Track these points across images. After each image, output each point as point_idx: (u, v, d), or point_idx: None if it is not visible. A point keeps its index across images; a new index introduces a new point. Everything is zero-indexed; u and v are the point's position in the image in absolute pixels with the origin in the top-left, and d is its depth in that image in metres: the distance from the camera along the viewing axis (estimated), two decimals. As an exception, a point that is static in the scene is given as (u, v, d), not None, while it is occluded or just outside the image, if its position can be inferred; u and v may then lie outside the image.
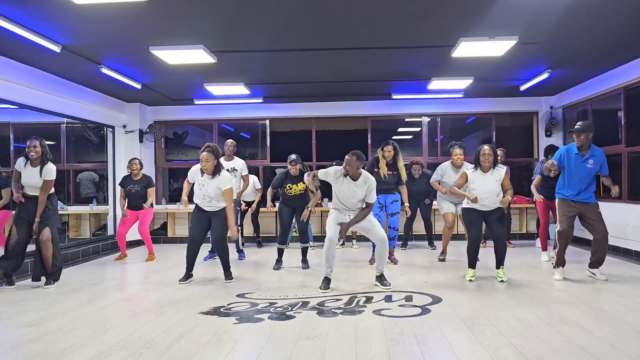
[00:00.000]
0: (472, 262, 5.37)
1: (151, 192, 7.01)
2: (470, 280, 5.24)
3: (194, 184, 5.38)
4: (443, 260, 6.65)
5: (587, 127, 5.13)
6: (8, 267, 5.26)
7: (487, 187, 5.16)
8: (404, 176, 6.28)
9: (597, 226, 5.14)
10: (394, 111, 9.32)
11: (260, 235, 8.61)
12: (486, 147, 5.22)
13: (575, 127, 5.19)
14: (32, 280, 5.41)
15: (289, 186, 6.19)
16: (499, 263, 5.27)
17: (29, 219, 5.21)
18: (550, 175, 5.66)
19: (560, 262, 5.30)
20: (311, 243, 8.08)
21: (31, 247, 5.40)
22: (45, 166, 5.16)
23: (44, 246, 5.20)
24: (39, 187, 5.19)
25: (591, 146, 5.20)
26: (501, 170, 5.22)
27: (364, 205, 4.96)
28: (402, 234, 7.85)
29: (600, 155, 5.21)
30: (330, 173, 4.96)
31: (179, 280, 5.38)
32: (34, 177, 5.15)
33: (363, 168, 5.00)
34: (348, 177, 4.87)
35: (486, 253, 6.68)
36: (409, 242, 7.97)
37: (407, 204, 6.41)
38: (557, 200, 5.37)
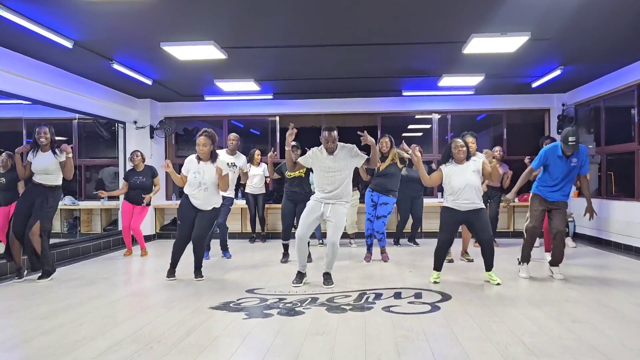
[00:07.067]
0: (437, 264, 5.10)
1: (157, 180, 7.15)
2: (435, 282, 5.00)
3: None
4: (470, 260, 6.30)
5: (576, 137, 4.89)
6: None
7: (465, 178, 4.83)
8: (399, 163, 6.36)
9: (556, 221, 5.07)
10: (404, 108, 9.29)
11: (266, 231, 8.59)
12: (458, 139, 4.99)
13: (569, 140, 4.87)
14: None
15: (288, 174, 6.21)
16: (489, 266, 5.04)
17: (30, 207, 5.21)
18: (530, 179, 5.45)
19: (525, 257, 5.23)
20: (320, 240, 8.07)
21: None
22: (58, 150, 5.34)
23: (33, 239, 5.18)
24: (50, 173, 5.33)
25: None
26: (478, 160, 4.95)
27: (351, 176, 4.89)
28: (395, 231, 7.89)
29: (583, 152, 5.03)
30: (309, 156, 4.90)
31: (167, 277, 5.29)
32: (45, 161, 5.30)
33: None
34: (329, 153, 4.80)
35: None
36: (400, 240, 7.86)
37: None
38: (530, 195, 5.28)
